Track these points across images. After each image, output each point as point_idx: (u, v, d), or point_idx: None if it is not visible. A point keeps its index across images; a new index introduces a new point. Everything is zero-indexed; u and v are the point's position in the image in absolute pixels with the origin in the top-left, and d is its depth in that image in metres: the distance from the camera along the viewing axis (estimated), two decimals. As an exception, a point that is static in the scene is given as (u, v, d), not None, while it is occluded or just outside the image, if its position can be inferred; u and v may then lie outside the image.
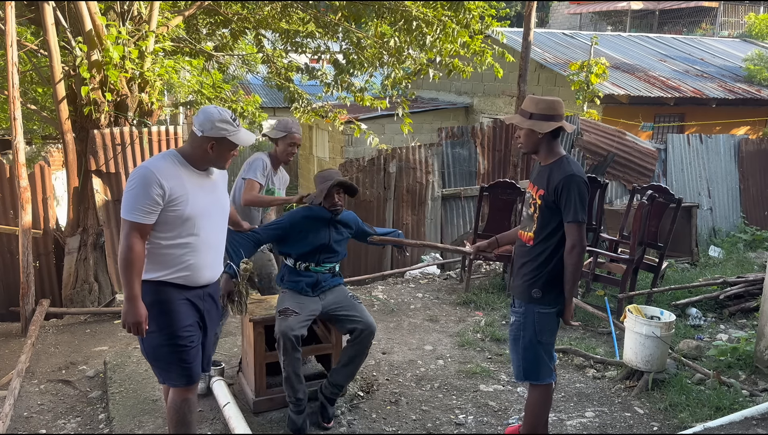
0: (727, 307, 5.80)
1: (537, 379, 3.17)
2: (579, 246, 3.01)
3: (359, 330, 3.56)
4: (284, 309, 3.52)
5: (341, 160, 12.47)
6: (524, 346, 3.15)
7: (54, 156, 12.26)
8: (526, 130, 3.09)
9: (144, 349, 2.96)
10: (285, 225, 3.73)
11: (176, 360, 2.91)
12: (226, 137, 2.86)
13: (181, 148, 2.96)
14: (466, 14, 7.74)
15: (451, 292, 6.53)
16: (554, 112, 3.05)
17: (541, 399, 3.22)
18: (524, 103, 3.14)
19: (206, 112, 2.86)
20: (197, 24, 8.74)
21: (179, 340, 2.89)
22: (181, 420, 3.01)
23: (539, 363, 3.15)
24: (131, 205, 2.75)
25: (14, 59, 5.24)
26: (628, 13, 24.26)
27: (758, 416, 3.72)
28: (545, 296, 3.10)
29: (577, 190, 2.99)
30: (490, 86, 14.07)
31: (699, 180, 10.32)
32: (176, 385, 2.98)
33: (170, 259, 2.85)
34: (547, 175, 3.08)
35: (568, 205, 2.99)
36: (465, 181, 8.74)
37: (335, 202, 3.70)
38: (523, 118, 3.10)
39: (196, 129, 2.86)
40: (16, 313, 5.67)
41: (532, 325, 3.12)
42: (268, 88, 17.17)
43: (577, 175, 3.02)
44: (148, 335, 2.86)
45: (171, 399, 3.03)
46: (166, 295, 2.86)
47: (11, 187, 6.11)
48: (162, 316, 2.87)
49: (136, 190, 2.75)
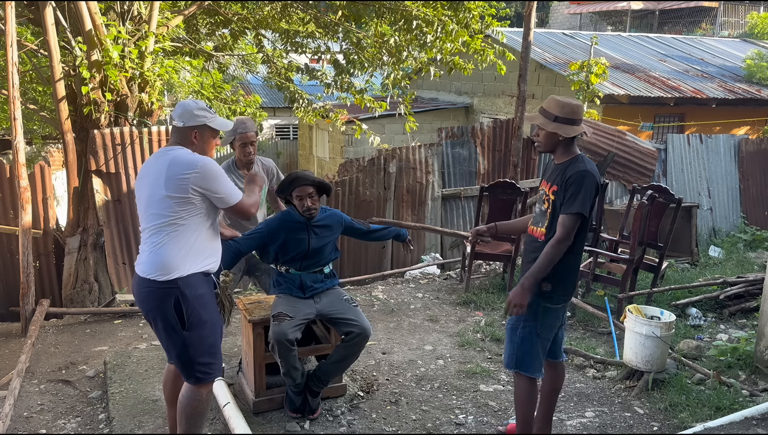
0: (727, 307, 5.79)
1: (527, 370, 3.20)
2: (567, 240, 3.03)
3: (354, 334, 3.55)
4: (277, 314, 3.51)
5: (341, 160, 12.47)
6: (522, 335, 3.18)
7: (54, 156, 12.27)
8: (548, 132, 3.11)
9: (191, 348, 2.89)
10: (263, 232, 3.67)
11: (220, 350, 2.99)
12: (206, 123, 2.98)
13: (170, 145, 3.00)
14: (466, 14, 7.74)
15: (451, 292, 6.53)
16: (578, 116, 3.11)
17: (529, 391, 3.25)
18: (548, 104, 3.15)
19: (183, 105, 2.99)
20: (197, 24, 8.74)
21: (219, 329, 3.00)
22: (203, 411, 3.04)
23: (533, 355, 3.18)
24: (232, 188, 2.97)
25: (14, 59, 5.24)
26: (628, 13, 24.26)
27: (758, 416, 3.72)
28: (554, 291, 3.12)
29: (586, 185, 3.01)
30: (490, 86, 14.08)
31: (699, 180, 10.32)
32: (211, 380, 3.02)
33: (210, 247, 2.98)
34: (561, 172, 3.11)
35: (573, 196, 3.02)
36: (465, 181, 8.74)
37: (305, 205, 3.59)
38: (547, 120, 3.12)
39: (177, 122, 2.96)
40: (16, 313, 5.67)
41: (535, 318, 3.14)
42: (268, 88, 17.18)
43: (591, 173, 3.05)
44: (199, 330, 2.89)
45: (193, 392, 2.98)
46: (205, 286, 2.96)
47: (11, 187, 6.11)
48: (207, 305, 2.95)
49: (223, 176, 2.93)
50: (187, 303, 2.84)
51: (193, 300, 2.85)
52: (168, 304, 2.83)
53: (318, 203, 3.65)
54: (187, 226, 2.86)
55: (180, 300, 2.83)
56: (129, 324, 5.54)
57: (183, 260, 2.84)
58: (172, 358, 3.05)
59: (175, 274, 2.82)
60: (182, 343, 2.89)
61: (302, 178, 3.60)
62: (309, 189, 3.60)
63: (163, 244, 2.84)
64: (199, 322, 2.88)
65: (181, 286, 2.83)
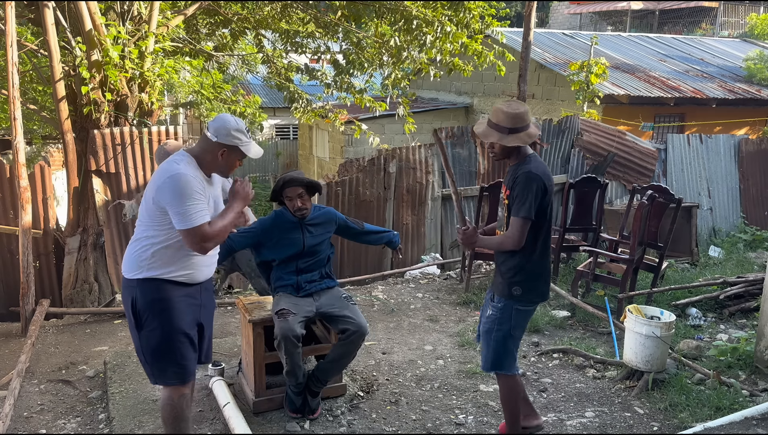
0: (727, 307, 5.79)
1: (502, 369, 3.32)
2: (511, 243, 3.09)
3: (351, 331, 3.55)
4: (281, 310, 3.51)
5: (341, 160, 12.47)
6: (497, 338, 3.28)
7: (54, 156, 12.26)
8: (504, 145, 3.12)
9: (141, 348, 2.95)
10: (256, 231, 3.69)
11: (174, 358, 2.92)
12: (239, 147, 2.88)
13: (192, 150, 2.94)
14: (466, 14, 7.74)
15: (451, 292, 6.53)
16: (527, 120, 3.12)
17: (512, 387, 3.36)
18: (497, 118, 3.12)
19: (223, 120, 2.88)
20: (197, 24, 8.74)
21: (178, 337, 2.90)
22: (179, 415, 3.00)
23: (507, 355, 3.30)
24: (190, 214, 2.74)
25: (14, 59, 5.24)
26: (628, 13, 24.26)
27: (758, 416, 3.72)
28: (525, 294, 3.21)
29: (531, 187, 3.04)
30: (490, 86, 14.08)
31: (699, 180, 10.32)
32: (171, 384, 2.98)
33: (176, 258, 2.88)
34: (512, 175, 3.18)
35: (518, 199, 3.07)
36: (465, 181, 8.74)
37: (296, 205, 3.63)
38: (502, 134, 3.10)
39: (211, 134, 2.86)
40: (16, 313, 5.66)
41: (509, 321, 3.24)
42: (268, 88, 17.19)
43: (535, 173, 3.07)
44: (148, 333, 2.88)
45: (166, 396, 3.01)
46: (167, 293, 2.88)
47: (11, 187, 6.11)
48: (163, 313, 2.88)
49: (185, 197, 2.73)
50: (140, 305, 2.88)
51: (147, 303, 2.87)
52: (127, 299, 2.93)
53: (309, 203, 3.68)
54: (158, 235, 2.84)
55: (135, 299, 2.89)
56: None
57: (145, 263, 2.86)
58: None
59: (134, 273, 2.88)
60: (137, 340, 2.95)
61: (291, 181, 3.63)
62: (298, 190, 3.63)
63: (135, 242, 2.91)
64: (151, 327, 2.88)
65: (138, 287, 2.88)
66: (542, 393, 4.27)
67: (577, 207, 6.86)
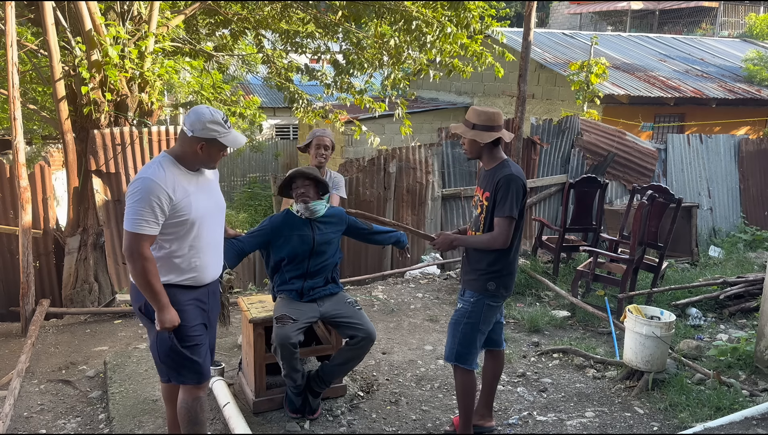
0: (727, 307, 5.79)
1: (465, 363, 3.42)
2: (500, 241, 3.27)
3: (360, 338, 3.55)
4: (281, 316, 3.50)
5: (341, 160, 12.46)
6: (464, 331, 3.41)
7: (54, 156, 12.27)
8: (469, 139, 3.37)
9: (157, 351, 2.97)
10: (266, 229, 3.68)
11: (188, 359, 2.95)
12: (217, 138, 2.83)
13: (172, 150, 2.93)
14: (466, 14, 7.74)
15: (451, 292, 6.53)
16: (495, 123, 3.33)
17: (469, 382, 3.47)
18: (468, 115, 3.41)
19: (197, 113, 2.82)
20: (197, 24, 8.74)
21: (189, 340, 2.93)
22: (194, 419, 3.03)
23: (471, 348, 3.42)
24: (137, 218, 2.72)
25: (14, 59, 5.24)
26: (628, 13, 24.26)
27: (758, 416, 3.72)
28: (498, 290, 3.37)
29: (513, 188, 3.25)
30: (490, 86, 14.08)
31: (699, 180, 10.32)
32: (188, 383, 3.01)
33: (179, 264, 2.88)
34: (491, 178, 3.35)
35: (503, 200, 3.26)
36: (465, 181, 8.74)
37: (299, 192, 3.62)
38: (467, 128, 3.38)
39: (187, 129, 2.82)
40: (16, 313, 5.66)
41: (479, 314, 3.39)
42: (268, 88, 17.18)
43: (516, 176, 3.29)
44: (160, 337, 2.90)
45: (182, 399, 3.04)
46: (175, 298, 2.89)
47: (11, 187, 6.11)
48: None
49: (141, 202, 2.72)
50: (150, 310, 2.89)
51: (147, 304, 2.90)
52: (136, 305, 3.00)
53: (311, 191, 3.64)
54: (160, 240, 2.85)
55: (144, 304, 2.92)
56: (129, 324, 5.54)
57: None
58: None
59: None
60: (153, 338, 2.97)
61: (300, 174, 3.65)
62: (305, 181, 3.65)
63: None
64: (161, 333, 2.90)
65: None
66: (542, 393, 4.27)
67: (577, 207, 6.87)
